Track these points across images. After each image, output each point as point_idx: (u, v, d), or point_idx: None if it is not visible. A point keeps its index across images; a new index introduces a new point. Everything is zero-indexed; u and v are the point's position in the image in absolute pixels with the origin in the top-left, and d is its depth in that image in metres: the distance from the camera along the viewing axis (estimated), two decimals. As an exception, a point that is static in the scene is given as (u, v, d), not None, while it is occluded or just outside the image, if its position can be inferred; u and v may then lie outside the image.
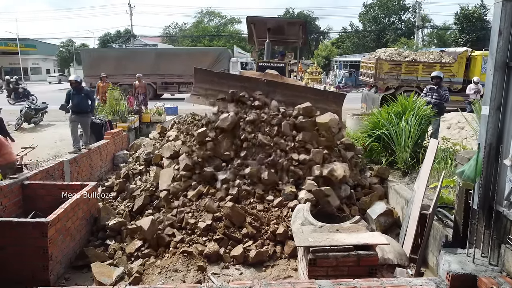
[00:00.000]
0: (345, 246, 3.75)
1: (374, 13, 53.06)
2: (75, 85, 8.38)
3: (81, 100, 8.37)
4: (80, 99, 8.36)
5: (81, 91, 8.43)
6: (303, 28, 10.41)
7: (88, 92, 8.73)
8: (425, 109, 7.57)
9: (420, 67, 15.32)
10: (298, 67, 40.04)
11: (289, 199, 5.66)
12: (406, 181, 6.76)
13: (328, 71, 46.48)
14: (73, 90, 8.37)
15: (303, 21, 10.92)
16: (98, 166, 8.22)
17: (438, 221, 4.78)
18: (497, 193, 3.21)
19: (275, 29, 10.62)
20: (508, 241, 3.09)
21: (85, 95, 8.50)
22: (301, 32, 10.51)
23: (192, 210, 5.58)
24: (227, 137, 6.39)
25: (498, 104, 3.21)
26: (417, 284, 3.17)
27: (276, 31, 10.68)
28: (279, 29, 10.72)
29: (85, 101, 8.46)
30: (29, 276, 4.24)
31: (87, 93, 8.67)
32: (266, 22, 10.57)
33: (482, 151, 3.27)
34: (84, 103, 8.42)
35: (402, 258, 4.63)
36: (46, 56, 56.25)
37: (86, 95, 8.51)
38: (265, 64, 9.88)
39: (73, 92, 8.37)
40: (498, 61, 3.15)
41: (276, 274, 4.68)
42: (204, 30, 51.74)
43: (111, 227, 5.48)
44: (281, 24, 10.93)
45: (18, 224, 4.37)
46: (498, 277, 3.04)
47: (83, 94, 8.44)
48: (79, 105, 8.37)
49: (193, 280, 4.51)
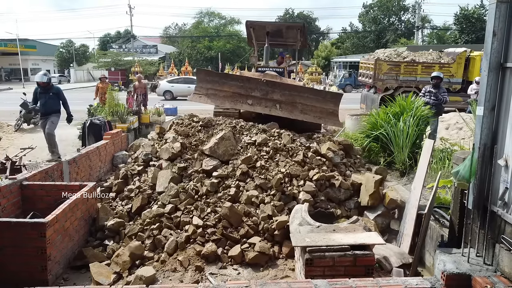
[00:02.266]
0: (342, 246, 3.76)
1: (373, 14, 53.05)
2: (44, 85, 7.17)
3: (49, 100, 7.16)
4: (47, 99, 7.15)
5: (49, 90, 7.19)
6: (302, 31, 10.58)
7: (58, 91, 7.33)
8: (423, 109, 7.59)
9: (419, 67, 15.32)
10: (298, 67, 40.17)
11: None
12: (404, 182, 6.79)
13: (328, 72, 46.49)
14: (40, 88, 7.18)
15: (301, 24, 11.11)
16: (97, 166, 8.23)
17: (435, 221, 4.81)
18: (492, 193, 3.23)
19: (274, 32, 10.76)
20: (503, 240, 3.11)
21: (54, 94, 7.20)
22: (300, 35, 10.69)
23: (191, 211, 5.61)
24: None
25: (492, 105, 3.23)
26: (412, 284, 3.19)
27: (275, 35, 10.84)
28: (278, 32, 10.88)
29: (54, 101, 7.21)
30: (28, 277, 4.26)
31: (58, 92, 7.30)
32: (265, 26, 10.70)
33: (477, 151, 3.29)
34: (52, 103, 7.19)
35: (404, 257, 4.65)
36: (46, 56, 56.27)
37: (55, 95, 7.22)
38: (263, 69, 10.05)
39: (40, 90, 7.18)
40: (493, 62, 3.17)
41: (274, 274, 4.70)
42: (204, 31, 51.71)
43: (110, 228, 5.51)
44: (280, 28, 11.10)
45: (16, 224, 4.39)
46: (492, 277, 3.06)
47: (51, 93, 7.16)
48: (46, 106, 7.18)
49: (191, 280, 4.53)
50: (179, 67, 41.22)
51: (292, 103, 7.36)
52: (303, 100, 7.38)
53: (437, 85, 8.54)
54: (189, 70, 38.44)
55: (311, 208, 5.42)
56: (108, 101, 11.74)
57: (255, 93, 7.51)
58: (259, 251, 4.89)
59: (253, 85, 7.55)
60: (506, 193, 3.13)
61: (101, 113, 11.52)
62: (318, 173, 6.02)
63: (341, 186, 6.00)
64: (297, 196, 5.73)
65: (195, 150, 6.72)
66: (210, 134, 6.95)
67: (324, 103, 7.53)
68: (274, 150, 6.46)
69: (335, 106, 7.58)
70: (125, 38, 54.52)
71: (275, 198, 5.71)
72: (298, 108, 7.47)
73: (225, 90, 7.59)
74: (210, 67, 43.67)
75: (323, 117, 7.57)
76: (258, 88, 7.49)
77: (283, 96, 7.44)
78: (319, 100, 7.51)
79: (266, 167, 6.17)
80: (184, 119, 7.67)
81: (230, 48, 48.47)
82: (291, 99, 7.42)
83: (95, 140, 9.40)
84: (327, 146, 6.66)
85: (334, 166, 6.45)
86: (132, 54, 43.22)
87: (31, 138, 12.02)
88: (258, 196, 5.73)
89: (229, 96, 7.63)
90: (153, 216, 5.56)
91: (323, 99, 7.59)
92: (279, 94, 7.47)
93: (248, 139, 6.76)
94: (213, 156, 6.44)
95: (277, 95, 7.46)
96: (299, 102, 7.43)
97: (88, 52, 60.19)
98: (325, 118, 7.60)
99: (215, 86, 7.69)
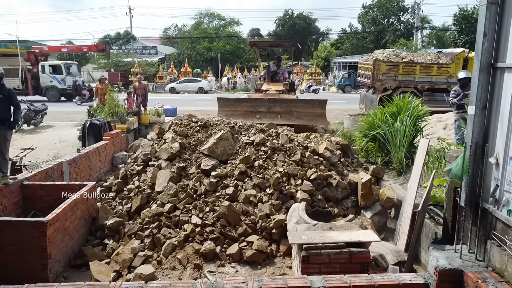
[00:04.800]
0: (338, 244, 3.82)
1: (373, 14, 53.15)
2: None
3: None
4: None
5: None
6: (296, 45, 12.85)
7: (10, 94, 5.63)
8: (420, 109, 7.65)
9: (418, 68, 15.39)
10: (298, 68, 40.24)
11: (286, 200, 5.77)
12: (401, 181, 6.84)
13: (328, 72, 46.56)
14: None
15: (295, 42, 13.15)
16: (97, 167, 8.29)
17: (430, 219, 4.88)
18: (483, 190, 3.29)
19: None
20: (494, 237, 3.17)
21: (5, 97, 5.58)
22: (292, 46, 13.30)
23: (190, 210, 5.67)
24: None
25: (483, 104, 3.29)
26: (406, 280, 3.25)
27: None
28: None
29: (3, 107, 5.56)
30: (28, 275, 4.31)
31: (9, 95, 5.62)
32: (265, 44, 13.43)
33: (469, 149, 3.35)
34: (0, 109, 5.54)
35: (400, 255, 4.71)
36: (46, 57, 56.29)
37: (7, 98, 5.59)
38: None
39: None
40: (483, 62, 3.23)
41: (271, 271, 4.77)
42: (203, 32, 51.76)
43: (109, 227, 5.57)
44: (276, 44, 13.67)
45: (17, 223, 4.46)
46: (484, 272, 3.12)
47: (1, 95, 5.54)
48: None
49: (189, 277, 4.60)
50: (178, 68, 41.31)
51: (290, 112, 9.66)
52: (297, 108, 9.78)
53: (465, 85, 7.71)
54: (189, 71, 38.55)
55: (308, 207, 5.48)
56: (108, 102, 11.81)
57: (261, 109, 9.79)
58: (257, 249, 4.96)
59: (259, 103, 9.91)
60: (497, 191, 3.19)
61: (101, 114, 11.59)
62: (315, 173, 6.08)
63: (338, 185, 6.06)
64: (294, 195, 5.80)
65: (194, 150, 6.79)
66: (209, 134, 7.02)
67: (313, 108, 9.86)
68: (272, 150, 6.53)
69: (322, 110, 9.92)
70: (125, 39, 54.54)
71: (273, 197, 5.77)
72: (294, 115, 9.69)
73: (239, 110, 10.00)
74: (210, 68, 43.69)
75: (314, 119, 9.76)
76: (263, 105, 9.82)
77: (282, 108, 9.72)
78: (310, 107, 9.86)
79: (264, 167, 6.23)
80: (183, 119, 7.75)
81: (229, 49, 48.46)
82: (288, 109, 9.72)
83: (95, 140, 9.46)
84: (325, 146, 6.72)
85: (331, 165, 6.52)
86: (131, 55, 43.25)
87: (31, 139, 12.09)
88: (256, 195, 5.80)
89: (243, 113, 9.90)
90: (152, 215, 5.62)
91: (313, 106, 9.96)
92: (279, 107, 9.76)
93: (246, 139, 6.83)
94: (212, 156, 6.50)
95: (277, 108, 9.74)
96: (294, 111, 9.76)
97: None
98: (316, 120, 9.76)
99: (232, 108, 10.12)
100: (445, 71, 15.24)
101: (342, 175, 6.40)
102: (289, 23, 61.23)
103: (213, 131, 7.05)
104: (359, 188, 5.96)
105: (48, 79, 25.96)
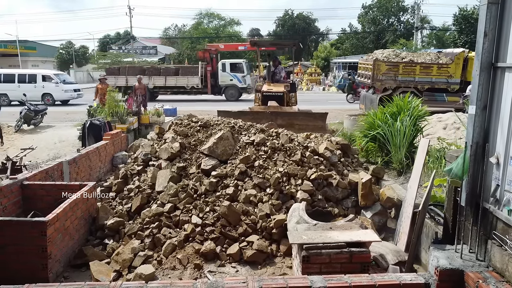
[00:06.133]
0: (338, 244, 3.82)
1: (373, 14, 53.16)
2: None
3: None
4: None
5: None
6: (297, 45, 13.20)
7: None
8: (420, 109, 7.66)
9: (418, 68, 15.40)
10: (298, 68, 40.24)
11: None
12: (401, 181, 6.84)
13: (327, 72, 46.56)
14: None
15: (297, 42, 13.48)
16: (97, 167, 8.29)
17: (431, 219, 4.88)
18: (484, 190, 3.29)
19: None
20: (494, 237, 3.17)
21: None
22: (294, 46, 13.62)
23: (190, 210, 5.67)
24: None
25: (484, 104, 3.29)
26: (407, 280, 3.25)
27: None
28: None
29: None
30: (29, 275, 4.30)
31: None
32: (265, 44, 13.53)
33: (469, 149, 3.35)
34: None
35: (400, 254, 4.71)
36: (46, 58, 56.26)
37: None
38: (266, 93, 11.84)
39: None
40: (484, 62, 3.23)
41: (272, 271, 4.76)
42: (203, 32, 51.74)
43: (110, 227, 5.57)
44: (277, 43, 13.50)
45: (17, 223, 4.45)
46: (484, 272, 3.12)
47: None
48: None
49: (190, 277, 4.60)
50: (178, 68, 41.24)
51: (291, 124, 9.64)
52: (298, 121, 9.97)
53: None
54: (189, 71, 38.45)
55: (308, 207, 5.48)
56: (108, 102, 11.80)
57: (263, 122, 9.39)
58: (257, 249, 4.96)
59: (261, 115, 10.00)
60: (498, 190, 3.19)
61: (101, 113, 11.59)
62: (315, 173, 6.08)
63: (338, 185, 6.06)
64: (295, 195, 5.80)
65: (194, 150, 6.79)
66: (209, 134, 7.02)
67: (314, 121, 10.08)
68: (272, 150, 6.53)
69: (322, 122, 10.23)
70: (125, 39, 54.53)
71: (273, 197, 5.77)
72: (295, 128, 9.51)
73: None
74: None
75: (315, 132, 9.49)
76: (265, 117, 9.79)
77: (283, 121, 9.78)
78: (311, 120, 10.09)
79: (264, 167, 6.23)
80: (183, 119, 7.75)
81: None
82: (290, 122, 9.82)
83: (95, 140, 9.46)
84: (325, 145, 6.72)
85: (331, 165, 6.52)
86: (131, 55, 43.23)
87: (31, 139, 12.08)
88: (256, 195, 5.80)
89: None
90: (152, 215, 5.62)
91: (314, 119, 10.18)
92: (280, 120, 9.85)
93: (246, 138, 6.83)
94: (212, 156, 6.50)
95: (279, 120, 9.77)
96: (296, 124, 9.89)
97: (88, 53, 60.22)
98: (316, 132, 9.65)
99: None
100: (445, 71, 15.25)
101: (342, 175, 6.40)
102: (289, 23, 61.25)
103: (213, 131, 7.05)
104: (359, 188, 5.96)
105: (228, 78, 24.61)
